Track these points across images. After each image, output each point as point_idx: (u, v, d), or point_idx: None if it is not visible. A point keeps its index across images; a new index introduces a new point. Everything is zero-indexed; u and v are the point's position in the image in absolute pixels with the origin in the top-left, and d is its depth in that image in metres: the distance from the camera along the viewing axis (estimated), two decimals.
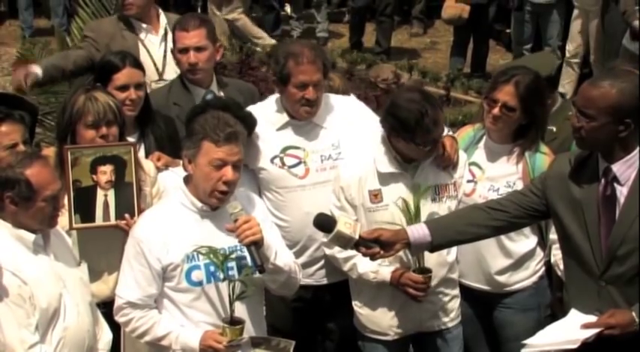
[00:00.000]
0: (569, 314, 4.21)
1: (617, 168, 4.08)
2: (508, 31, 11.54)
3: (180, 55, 5.55)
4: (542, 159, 4.95)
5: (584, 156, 4.19)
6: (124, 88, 5.12)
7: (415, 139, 4.68)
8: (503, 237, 4.92)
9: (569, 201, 4.17)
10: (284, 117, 5.11)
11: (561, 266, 4.85)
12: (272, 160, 5.10)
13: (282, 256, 4.42)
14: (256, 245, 4.24)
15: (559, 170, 4.27)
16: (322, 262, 5.14)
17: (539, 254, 5.09)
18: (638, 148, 4.08)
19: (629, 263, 4.07)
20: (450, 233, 4.46)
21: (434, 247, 4.49)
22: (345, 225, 4.38)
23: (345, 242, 4.41)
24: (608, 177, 4.10)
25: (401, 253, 4.69)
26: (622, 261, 4.07)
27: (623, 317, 4.03)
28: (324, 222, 4.46)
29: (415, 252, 4.57)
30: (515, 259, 5.05)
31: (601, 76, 4.19)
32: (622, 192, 4.08)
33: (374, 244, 4.40)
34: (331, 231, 4.39)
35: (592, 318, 4.09)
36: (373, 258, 4.46)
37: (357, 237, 4.38)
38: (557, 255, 4.94)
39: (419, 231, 4.42)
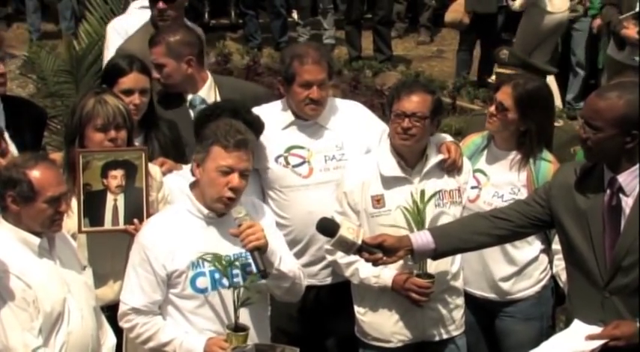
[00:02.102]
0: (572, 325, 4.20)
1: (622, 178, 4.08)
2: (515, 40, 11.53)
3: None
4: (547, 166, 4.97)
5: (589, 167, 4.19)
6: (128, 92, 5.13)
7: (390, 107, 4.81)
8: (507, 245, 4.92)
9: (574, 212, 4.17)
10: (289, 117, 5.16)
11: (563, 278, 4.87)
12: (276, 159, 5.15)
13: (286, 262, 4.42)
14: (260, 250, 4.24)
15: (564, 180, 4.27)
16: (325, 262, 5.15)
17: (543, 262, 5.09)
18: None
19: (633, 274, 4.06)
20: (454, 241, 4.46)
21: (437, 255, 4.49)
22: (348, 229, 4.37)
23: (347, 247, 4.39)
24: (614, 187, 4.09)
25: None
26: (626, 272, 4.07)
27: (628, 329, 4.03)
28: (327, 227, 4.45)
29: (418, 260, 4.57)
30: (519, 267, 5.06)
31: (608, 88, 4.19)
32: (627, 202, 4.08)
33: (377, 250, 4.39)
34: (334, 236, 4.38)
35: (596, 329, 4.08)
36: (375, 263, 4.45)
37: (359, 242, 4.37)
38: (559, 265, 4.96)
39: (422, 238, 4.42)
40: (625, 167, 4.07)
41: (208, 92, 5.62)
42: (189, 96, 5.60)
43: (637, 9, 8.24)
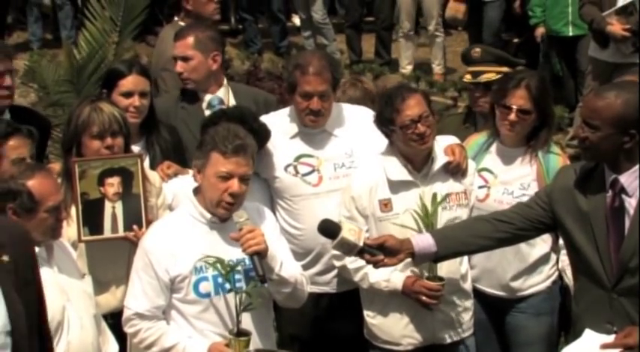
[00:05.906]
0: (583, 336, 4.13)
1: (624, 179, 4.06)
2: (516, 40, 11.52)
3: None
4: (556, 159, 4.99)
5: (589, 168, 4.17)
6: (128, 94, 5.16)
7: (392, 122, 4.76)
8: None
9: (577, 214, 4.15)
10: (296, 126, 5.14)
11: (569, 273, 4.86)
12: (286, 169, 5.13)
13: (288, 267, 4.41)
14: (259, 255, 4.24)
15: (565, 182, 4.25)
16: (337, 270, 5.12)
17: (553, 258, 5.09)
18: None
19: None
20: (455, 244, 4.44)
21: (438, 258, 4.47)
22: (350, 231, 4.34)
23: (349, 248, 4.37)
24: (616, 188, 4.07)
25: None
26: (634, 273, 4.04)
27: None
28: (329, 228, 4.42)
29: (419, 262, 4.54)
30: (530, 263, 5.05)
31: (606, 87, 4.17)
32: (630, 203, 4.06)
33: (378, 252, 4.36)
34: (335, 237, 4.35)
35: (608, 338, 4.03)
36: (376, 265, 4.41)
37: (361, 243, 4.33)
38: (565, 260, 4.90)
39: (424, 241, 4.39)
40: (625, 167, 4.05)
41: (225, 94, 5.62)
42: (207, 97, 5.59)
43: (619, 4, 8.16)
